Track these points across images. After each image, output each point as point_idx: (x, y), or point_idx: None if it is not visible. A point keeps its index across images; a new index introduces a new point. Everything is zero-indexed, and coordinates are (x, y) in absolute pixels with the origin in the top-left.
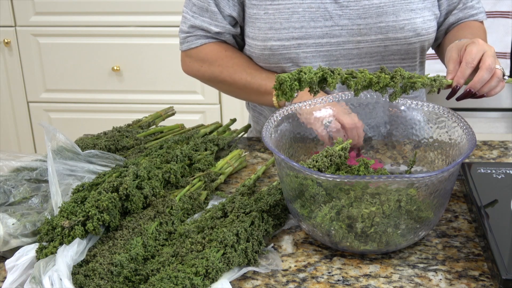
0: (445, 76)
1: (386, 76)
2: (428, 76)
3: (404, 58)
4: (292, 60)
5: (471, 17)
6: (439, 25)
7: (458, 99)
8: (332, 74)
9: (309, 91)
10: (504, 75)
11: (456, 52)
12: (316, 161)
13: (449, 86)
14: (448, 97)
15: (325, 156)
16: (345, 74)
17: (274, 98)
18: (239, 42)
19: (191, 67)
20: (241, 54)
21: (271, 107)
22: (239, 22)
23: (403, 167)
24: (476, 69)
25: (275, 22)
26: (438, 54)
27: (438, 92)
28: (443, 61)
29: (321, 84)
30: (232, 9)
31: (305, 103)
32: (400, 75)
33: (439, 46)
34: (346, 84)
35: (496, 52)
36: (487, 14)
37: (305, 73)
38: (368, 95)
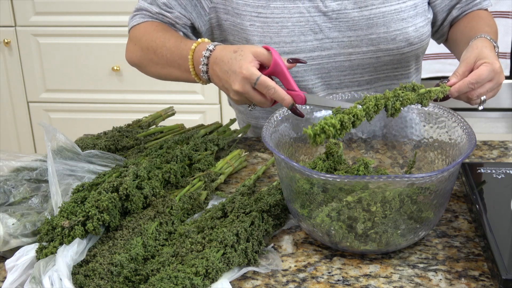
0: (444, 81)
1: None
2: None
3: (397, 67)
4: None
5: (474, 7)
6: (442, 21)
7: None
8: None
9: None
10: (482, 103)
11: (474, 58)
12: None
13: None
14: (434, 101)
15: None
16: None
17: (195, 78)
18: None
19: (129, 49)
20: (164, 30)
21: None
22: (199, 25)
23: (398, 169)
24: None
25: (265, 36)
26: (449, 47)
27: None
28: (454, 53)
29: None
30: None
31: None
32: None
33: (447, 40)
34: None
35: (496, 52)
36: None
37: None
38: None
